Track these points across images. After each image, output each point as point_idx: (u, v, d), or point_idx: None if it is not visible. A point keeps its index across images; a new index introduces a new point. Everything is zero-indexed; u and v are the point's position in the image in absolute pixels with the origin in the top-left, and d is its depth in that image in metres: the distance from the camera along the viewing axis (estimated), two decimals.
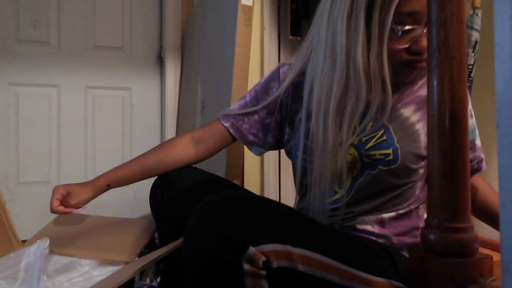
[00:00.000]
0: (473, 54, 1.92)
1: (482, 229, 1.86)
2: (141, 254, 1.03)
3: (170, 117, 2.17)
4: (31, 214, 1.83)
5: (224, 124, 1.01)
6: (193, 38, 2.07)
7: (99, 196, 0.98)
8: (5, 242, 1.02)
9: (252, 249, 0.63)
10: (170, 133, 2.17)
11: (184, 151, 1.02)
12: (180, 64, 2.19)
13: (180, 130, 2.11)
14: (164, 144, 1.04)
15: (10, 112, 1.97)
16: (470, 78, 1.91)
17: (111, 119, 2.15)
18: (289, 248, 0.66)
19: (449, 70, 0.60)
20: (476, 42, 1.92)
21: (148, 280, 1.12)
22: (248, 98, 1.03)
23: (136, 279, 1.07)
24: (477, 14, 1.92)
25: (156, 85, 2.24)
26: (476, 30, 1.92)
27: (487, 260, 0.60)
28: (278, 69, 1.03)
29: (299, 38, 1.82)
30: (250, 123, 1.00)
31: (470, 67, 1.92)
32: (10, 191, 1.91)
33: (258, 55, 1.83)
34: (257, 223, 0.66)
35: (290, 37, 1.82)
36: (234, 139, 1.03)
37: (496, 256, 0.55)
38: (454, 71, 0.60)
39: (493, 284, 0.57)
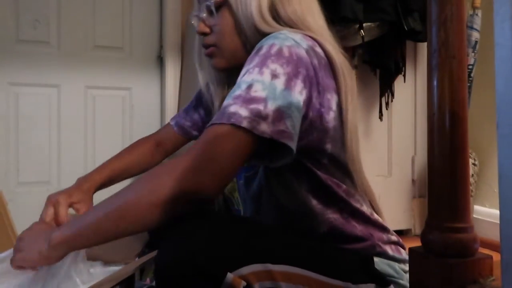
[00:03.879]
0: (473, 54, 1.92)
1: (482, 229, 1.86)
2: (141, 254, 1.03)
3: (170, 117, 2.16)
4: (31, 214, 1.82)
5: (170, 123, 1.11)
6: (193, 38, 2.07)
7: (99, 195, 0.98)
8: (6, 243, 1.02)
9: (230, 275, 0.60)
10: None
11: (148, 156, 1.11)
12: (180, 64, 2.19)
13: None
14: (132, 148, 1.12)
15: (10, 112, 1.97)
16: (470, 78, 1.92)
17: (111, 119, 2.15)
18: (270, 266, 0.64)
19: (449, 70, 0.60)
20: (476, 42, 1.92)
21: (148, 280, 1.12)
22: (193, 99, 1.11)
23: (136, 279, 1.07)
24: (477, 14, 1.92)
25: (156, 85, 2.24)
26: (476, 30, 1.92)
27: (487, 260, 0.60)
28: None
29: None
30: (192, 121, 1.08)
31: (470, 67, 1.92)
32: (10, 191, 1.91)
33: None
34: (232, 246, 0.63)
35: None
36: (187, 138, 1.10)
37: (496, 256, 0.55)
38: (454, 71, 0.60)
39: (493, 284, 0.58)
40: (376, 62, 1.93)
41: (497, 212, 0.45)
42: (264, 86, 0.67)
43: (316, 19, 0.84)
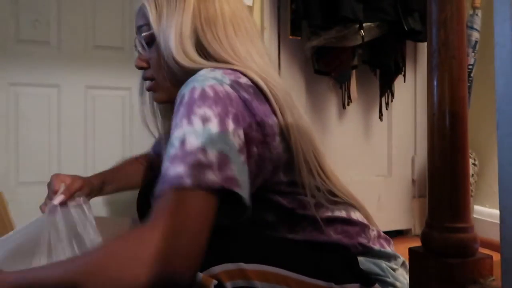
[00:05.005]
0: (473, 54, 1.92)
1: (482, 229, 1.86)
2: None
3: None
4: (31, 214, 1.82)
5: (151, 152, 1.16)
6: None
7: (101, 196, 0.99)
8: None
9: (200, 274, 0.60)
10: None
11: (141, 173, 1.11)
12: None
13: None
14: (137, 162, 1.13)
15: (10, 112, 1.97)
16: (470, 78, 1.91)
17: (111, 119, 2.15)
18: (243, 265, 0.63)
19: (449, 70, 0.60)
20: (476, 42, 1.92)
21: None
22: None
23: None
24: (477, 14, 1.92)
25: None
26: (476, 30, 1.92)
27: (487, 260, 0.60)
28: None
29: (299, 38, 1.82)
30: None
31: (470, 67, 1.92)
32: (10, 191, 1.91)
33: None
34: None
35: (290, 37, 1.82)
36: None
37: (496, 256, 0.55)
38: (454, 71, 0.60)
39: (493, 284, 0.58)
40: (376, 62, 1.93)
41: (497, 212, 0.45)
42: (197, 135, 0.62)
43: (246, 43, 0.79)
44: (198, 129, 0.62)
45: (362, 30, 1.72)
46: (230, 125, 0.64)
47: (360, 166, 2.03)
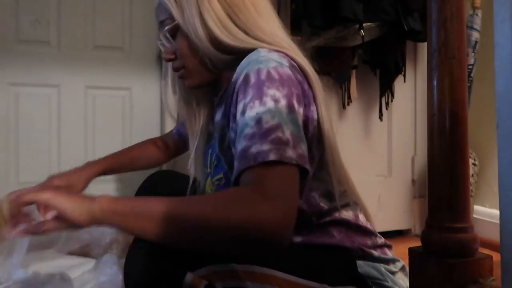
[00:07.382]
0: (473, 54, 1.92)
1: (482, 229, 1.86)
2: None
3: (170, 117, 2.17)
4: None
5: (173, 131, 1.23)
6: None
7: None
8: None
9: (190, 275, 0.59)
10: None
11: (157, 155, 1.25)
12: None
13: None
14: (144, 145, 1.26)
15: (10, 112, 1.97)
16: (470, 78, 1.91)
17: (111, 119, 2.15)
18: (234, 266, 0.62)
19: (449, 70, 0.60)
20: (476, 42, 1.92)
21: None
22: None
23: None
24: (477, 14, 1.92)
25: (156, 85, 2.23)
26: (476, 30, 1.92)
27: (487, 260, 0.60)
28: None
29: (299, 38, 1.82)
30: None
31: (470, 67, 1.92)
32: (10, 191, 1.91)
33: None
34: None
35: (290, 37, 1.82)
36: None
37: (496, 256, 0.55)
38: (454, 71, 0.60)
39: (493, 284, 0.58)
40: (376, 62, 1.93)
41: (497, 212, 0.45)
42: (273, 114, 0.65)
43: (269, 22, 0.84)
44: (271, 108, 0.65)
45: (362, 30, 1.72)
46: (295, 105, 0.68)
47: (360, 166, 2.03)
